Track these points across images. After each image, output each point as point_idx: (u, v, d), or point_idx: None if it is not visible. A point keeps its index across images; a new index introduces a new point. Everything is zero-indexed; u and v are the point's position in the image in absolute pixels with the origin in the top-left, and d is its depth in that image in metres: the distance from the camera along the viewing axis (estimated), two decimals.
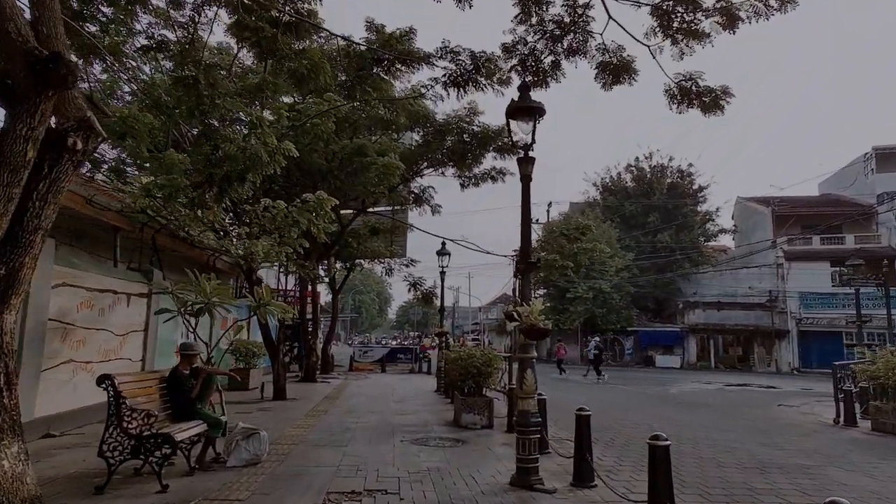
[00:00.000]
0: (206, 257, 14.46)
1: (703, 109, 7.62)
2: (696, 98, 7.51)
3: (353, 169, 12.74)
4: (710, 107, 7.56)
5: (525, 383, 5.57)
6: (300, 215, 8.02)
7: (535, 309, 5.39)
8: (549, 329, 5.40)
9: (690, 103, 7.59)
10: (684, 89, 7.49)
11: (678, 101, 7.58)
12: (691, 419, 10.82)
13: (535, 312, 5.39)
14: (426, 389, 15.63)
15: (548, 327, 5.38)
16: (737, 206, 46.58)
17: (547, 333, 5.46)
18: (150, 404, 5.30)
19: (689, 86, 7.48)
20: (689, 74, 7.40)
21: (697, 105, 7.59)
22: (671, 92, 7.56)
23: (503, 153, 17.33)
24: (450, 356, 9.87)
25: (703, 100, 7.52)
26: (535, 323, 5.32)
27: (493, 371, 9.35)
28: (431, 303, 20.19)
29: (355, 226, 20.59)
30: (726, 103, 7.60)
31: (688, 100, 7.54)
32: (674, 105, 7.65)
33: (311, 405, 11.31)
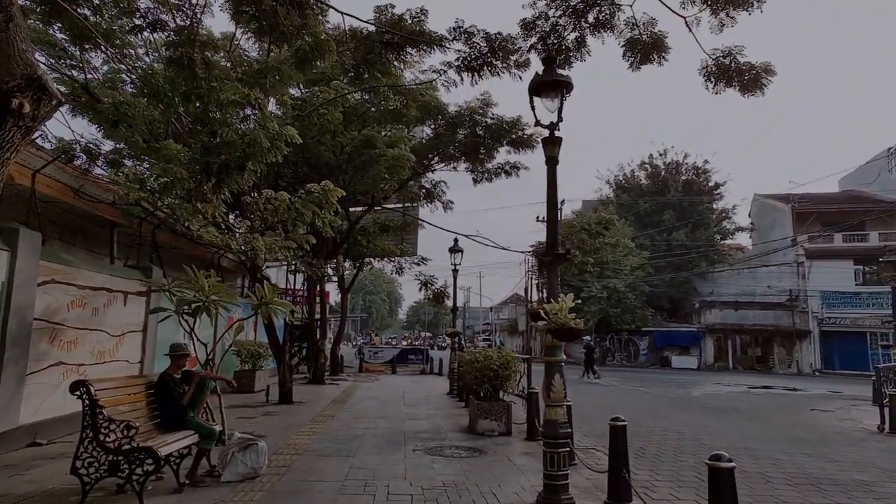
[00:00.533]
0: (211, 255, 13.99)
1: (742, 89, 6.96)
2: (736, 76, 6.84)
3: (362, 162, 12.18)
4: (750, 86, 6.90)
5: (553, 390, 4.95)
6: (304, 207, 7.46)
7: (564, 306, 4.78)
8: (581, 329, 4.78)
9: (729, 81, 6.93)
10: (722, 66, 6.83)
11: (715, 79, 6.92)
12: (723, 425, 10.13)
13: (564, 310, 4.77)
14: (438, 392, 15.04)
15: (580, 327, 4.76)
16: (754, 204, 45.54)
17: (579, 333, 4.84)
18: (136, 413, 4.75)
19: (727, 62, 6.81)
20: (728, 49, 6.73)
21: (736, 83, 6.92)
22: (708, 69, 6.89)
23: (517, 147, 16.66)
24: (464, 358, 9.27)
25: (743, 78, 6.85)
26: (565, 322, 4.70)
27: (510, 374, 8.73)
28: (443, 302, 19.55)
29: (364, 223, 20.06)
30: (767, 82, 6.94)
31: (726, 77, 6.88)
32: (710, 84, 6.99)
33: (318, 409, 10.75)
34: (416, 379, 19.81)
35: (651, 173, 47.11)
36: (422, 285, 19.69)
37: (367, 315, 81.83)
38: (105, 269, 8.66)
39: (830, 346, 33.89)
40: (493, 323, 64.31)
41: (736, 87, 6.97)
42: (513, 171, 17.30)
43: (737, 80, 6.86)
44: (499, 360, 8.70)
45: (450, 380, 14.78)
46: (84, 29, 7.89)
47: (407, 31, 8.61)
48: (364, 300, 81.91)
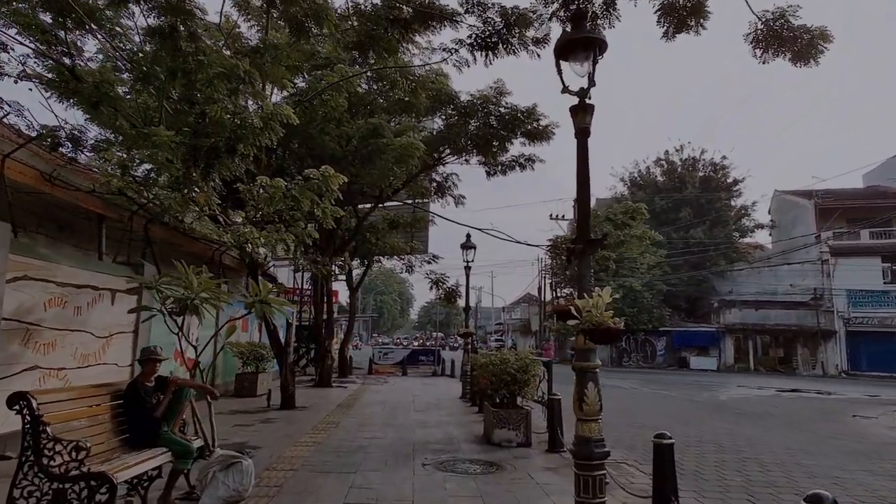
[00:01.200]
0: (211, 252, 13.34)
1: (794, 57, 6.12)
2: (788, 42, 6.01)
3: (368, 152, 11.46)
4: (804, 53, 6.06)
5: (586, 401, 4.18)
6: (301, 195, 6.75)
7: (601, 302, 4.00)
8: (621, 329, 4.00)
9: (779, 49, 6.10)
10: (773, 30, 6.00)
11: (764, 45, 6.09)
12: (762, 435, 9.26)
13: (600, 307, 3.99)
14: (450, 395, 14.29)
15: (619, 326, 3.98)
16: (774, 200, 44.24)
17: (618, 335, 4.05)
18: (96, 429, 4.06)
19: (778, 26, 5.98)
20: (781, 11, 5.90)
21: (788, 51, 6.09)
22: (756, 34, 6.07)
23: (532, 139, 15.85)
24: (478, 361, 8.50)
25: (796, 44, 6.02)
26: (601, 321, 3.92)
27: (529, 378, 7.95)
28: (455, 301, 18.78)
29: (373, 219, 19.37)
30: (823, 49, 6.10)
31: (777, 43, 6.05)
32: (758, 51, 6.16)
33: (322, 415, 10.05)
34: (427, 381, 19.08)
35: (667, 170, 46.02)
36: (433, 284, 18.96)
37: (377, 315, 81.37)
38: (90, 266, 8.01)
39: (857, 347, 32.65)
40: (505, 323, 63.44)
41: (787, 54, 6.14)
42: (527, 164, 16.49)
43: (789, 46, 6.02)
44: (516, 363, 7.92)
45: (462, 383, 14.03)
46: (65, 5, 7.24)
47: (414, 2, 7.87)
48: (375, 300, 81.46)
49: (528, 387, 7.99)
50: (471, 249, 14.66)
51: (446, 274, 18.94)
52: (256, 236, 7.18)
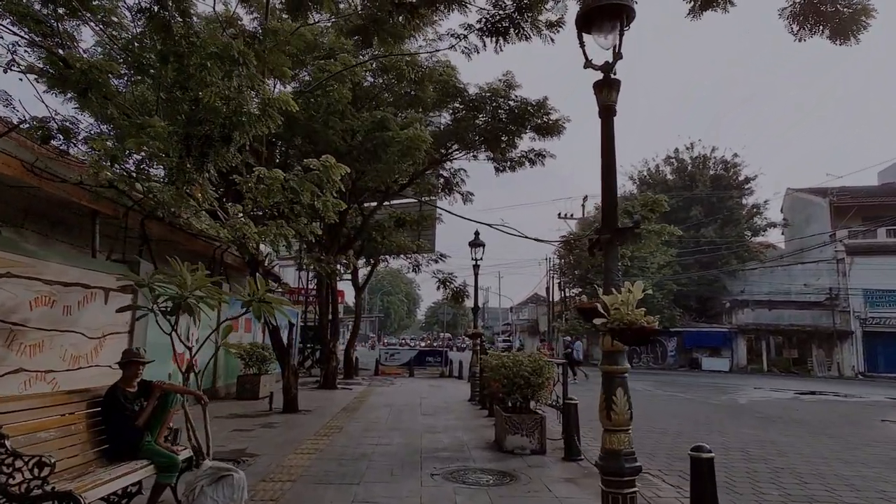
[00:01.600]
0: (213, 250, 12.97)
1: (832, 33, 5.65)
2: (827, 17, 5.53)
3: (373, 146, 11.03)
4: (844, 29, 5.58)
5: (614, 409, 3.74)
6: (300, 186, 6.33)
7: (632, 298, 3.55)
8: (655, 328, 3.54)
9: (817, 24, 5.62)
10: (811, 5, 5.52)
11: (802, 20, 5.61)
12: (791, 441, 8.75)
13: (631, 303, 3.54)
14: (459, 398, 13.84)
15: (653, 325, 3.52)
16: (787, 199, 43.49)
17: (652, 335, 3.59)
18: (67, 440, 3.65)
19: None
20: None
21: (826, 26, 5.61)
22: (793, 8, 5.59)
23: (542, 133, 15.41)
24: (489, 363, 8.04)
25: (836, 19, 5.54)
26: (633, 320, 3.47)
27: (544, 382, 7.49)
28: (462, 301, 18.39)
29: (379, 217, 18.96)
30: (864, 26, 5.62)
31: (815, 19, 5.57)
32: (794, 26, 5.69)
33: (325, 419, 9.63)
34: (434, 383, 18.65)
35: (677, 168, 45.42)
36: (440, 284, 18.57)
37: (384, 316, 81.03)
38: (81, 263, 7.64)
39: (874, 348, 31.91)
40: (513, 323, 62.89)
41: (825, 31, 5.66)
42: (537, 160, 16.04)
43: (828, 21, 5.54)
44: (530, 365, 7.47)
45: (471, 385, 13.58)
46: None
47: None
48: (382, 301, 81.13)
49: (543, 390, 7.53)
50: (479, 247, 14.20)
51: (454, 273, 18.53)
52: (254, 231, 6.76)
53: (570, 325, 39.20)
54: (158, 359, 9.35)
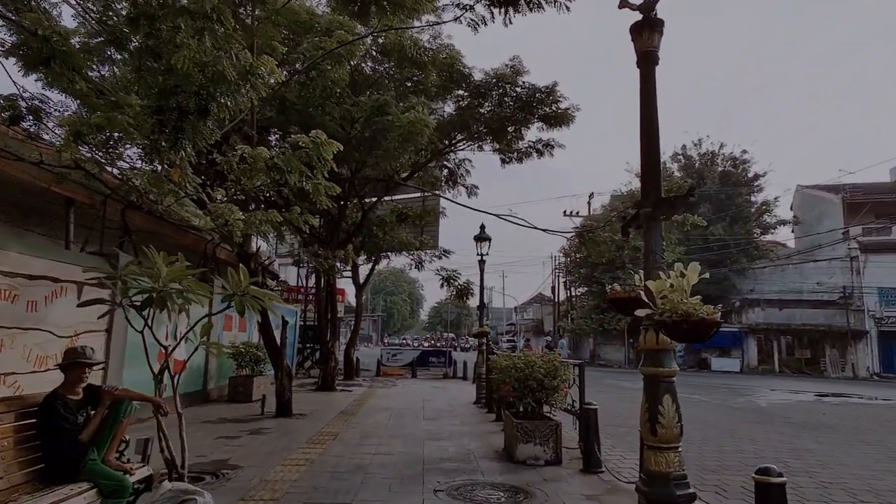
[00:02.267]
0: (204, 244, 12.30)
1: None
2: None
3: (373, 132, 10.33)
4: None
5: (660, 422, 3.02)
6: (287, 165, 5.62)
7: (686, 284, 2.83)
8: (717, 321, 2.82)
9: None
10: None
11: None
12: (831, 451, 8.01)
13: (685, 289, 2.82)
14: (464, 400, 13.13)
15: (715, 318, 2.80)
16: (797, 196, 42.66)
17: (714, 328, 2.86)
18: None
19: None
20: None
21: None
22: None
23: (550, 123, 14.70)
24: (499, 364, 7.31)
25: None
26: (690, 311, 2.75)
27: (559, 384, 6.77)
28: (467, 299, 17.65)
29: (380, 212, 18.26)
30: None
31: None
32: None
33: (321, 425, 8.93)
34: (438, 384, 17.93)
35: (684, 165, 44.62)
36: (443, 281, 17.84)
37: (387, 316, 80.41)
38: (49, 254, 6.95)
39: (890, 348, 31.03)
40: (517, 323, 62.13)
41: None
42: (545, 151, 15.31)
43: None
44: (544, 366, 6.75)
45: (476, 386, 12.88)
46: None
47: None
48: (385, 301, 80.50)
49: (558, 394, 6.81)
50: (485, 241, 13.49)
51: (458, 271, 17.81)
52: (238, 217, 6.06)
53: (577, 325, 38.49)
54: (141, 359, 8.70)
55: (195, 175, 6.46)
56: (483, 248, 13.48)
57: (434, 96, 14.02)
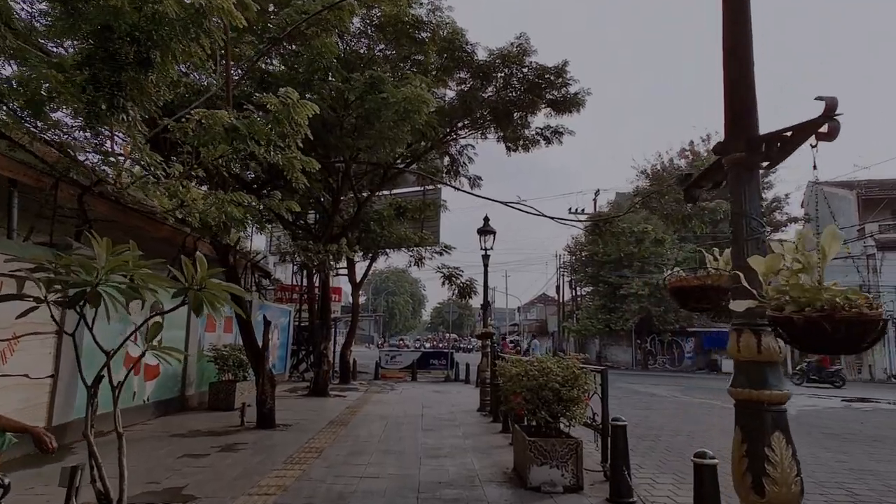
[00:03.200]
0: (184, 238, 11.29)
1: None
2: None
3: (365, 112, 9.30)
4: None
5: (769, 474, 1.97)
6: (251, 129, 4.59)
7: (821, 260, 1.78)
8: (882, 318, 1.78)
9: None
10: None
11: None
12: (891, 470, 6.94)
13: (821, 269, 1.77)
14: (467, 406, 12.09)
15: (879, 314, 1.76)
16: (808, 192, 41.42)
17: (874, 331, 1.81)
18: None
19: None
20: None
21: None
22: None
23: (559, 109, 13.66)
24: (508, 371, 6.25)
25: None
26: (840, 303, 1.70)
27: (580, 396, 5.73)
28: (470, 297, 16.63)
29: (378, 206, 17.24)
30: None
31: None
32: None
33: (305, 438, 7.89)
34: (438, 388, 16.88)
35: (692, 161, 43.44)
36: (445, 279, 16.83)
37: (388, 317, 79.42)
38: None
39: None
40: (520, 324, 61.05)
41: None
42: (553, 138, 14.26)
43: None
44: (562, 374, 5.71)
45: (480, 392, 11.83)
46: None
47: None
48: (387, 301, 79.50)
49: (578, 406, 5.76)
50: (489, 235, 12.45)
51: (459, 268, 16.78)
52: (196, 197, 5.03)
53: (582, 325, 37.38)
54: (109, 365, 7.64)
55: (155, 152, 5.44)
56: (487, 242, 12.45)
57: (434, 79, 13.00)
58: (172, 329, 10.30)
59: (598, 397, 6.01)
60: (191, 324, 10.95)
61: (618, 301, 34.90)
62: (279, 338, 17.38)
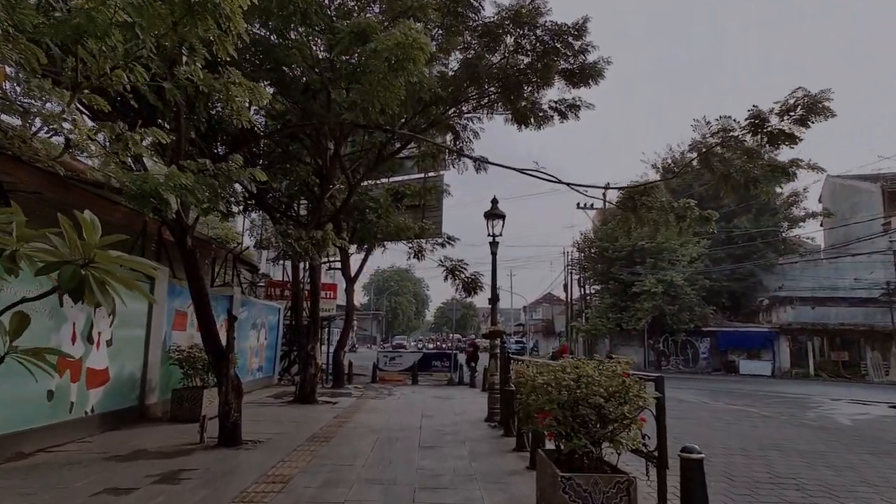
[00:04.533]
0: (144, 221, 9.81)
1: None
2: None
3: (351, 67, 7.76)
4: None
5: None
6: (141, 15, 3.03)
7: None
8: None
9: None
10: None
11: None
12: None
13: None
14: (473, 416, 10.56)
15: None
16: (827, 187, 39.78)
17: None
18: None
19: None
20: None
21: None
22: None
23: (574, 81, 12.12)
24: (534, 381, 4.63)
25: None
26: None
27: (634, 415, 4.15)
28: (475, 292, 15.10)
29: (375, 193, 15.71)
30: None
31: None
32: None
33: (273, 461, 6.35)
34: (441, 393, 15.34)
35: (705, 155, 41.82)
36: (447, 273, 15.29)
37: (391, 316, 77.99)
38: None
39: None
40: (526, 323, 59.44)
41: None
42: (569, 112, 12.68)
43: None
44: (606, 386, 4.14)
45: (489, 398, 10.28)
46: None
47: None
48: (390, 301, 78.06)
49: (631, 429, 4.18)
50: (498, 219, 10.91)
51: (464, 261, 15.23)
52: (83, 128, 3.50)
53: (592, 325, 35.71)
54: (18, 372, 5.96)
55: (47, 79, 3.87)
56: (495, 227, 10.91)
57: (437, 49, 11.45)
58: (128, 326, 8.79)
59: (649, 414, 4.47)
60: (153, 319, 9.44)
61: (629, 299, 33.27)
62: (267, 337, 15.86)
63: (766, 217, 36.78)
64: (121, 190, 6.24)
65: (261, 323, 15.23)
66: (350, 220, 15.34)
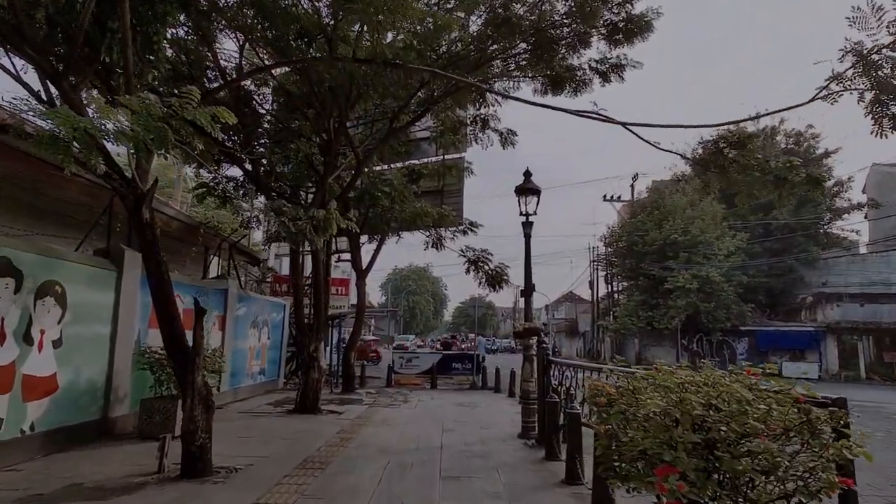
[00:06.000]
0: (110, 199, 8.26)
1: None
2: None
3: None
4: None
5: None
6: None
7: None
8: None
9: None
10: None
11: None
12: None
13: None
14: (502, 429, 8.83)
15: None
16: (871, 176, 37.15)
17: None
18: None
19: None
20: None
21: None
22: None
23: (616, 40, 10.38)
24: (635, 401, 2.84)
25: None
26: None
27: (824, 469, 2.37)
28: (500, 286, 13.30)
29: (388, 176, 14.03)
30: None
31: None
32: None
33: (252, 498, 4.67)
34: (463, 399, 13.59)
35: None
36: (469, 264, 13.51)
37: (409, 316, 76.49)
38: None
39: None
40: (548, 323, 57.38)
41: None
42: (612, 73, 10.86)
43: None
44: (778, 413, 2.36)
45: (523, 410, 8.51)
46: None
47: None
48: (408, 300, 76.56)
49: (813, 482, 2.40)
50: (532, 196, 9.14)
51: (488, 251, 13.48)
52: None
53: (621, 323, 33.62)
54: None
55: None
56: (529, 204, 9.14)
57: None
58: (87, 322, 7.22)
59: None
60: (120, 314, 7.86)
61: (661, 296, 31.17)
62: (270, 337, 14.29)
63: (807, 208, 34.35)
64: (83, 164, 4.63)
65: (262, 321, 13.66)
66: (361, 206, 13.71)
